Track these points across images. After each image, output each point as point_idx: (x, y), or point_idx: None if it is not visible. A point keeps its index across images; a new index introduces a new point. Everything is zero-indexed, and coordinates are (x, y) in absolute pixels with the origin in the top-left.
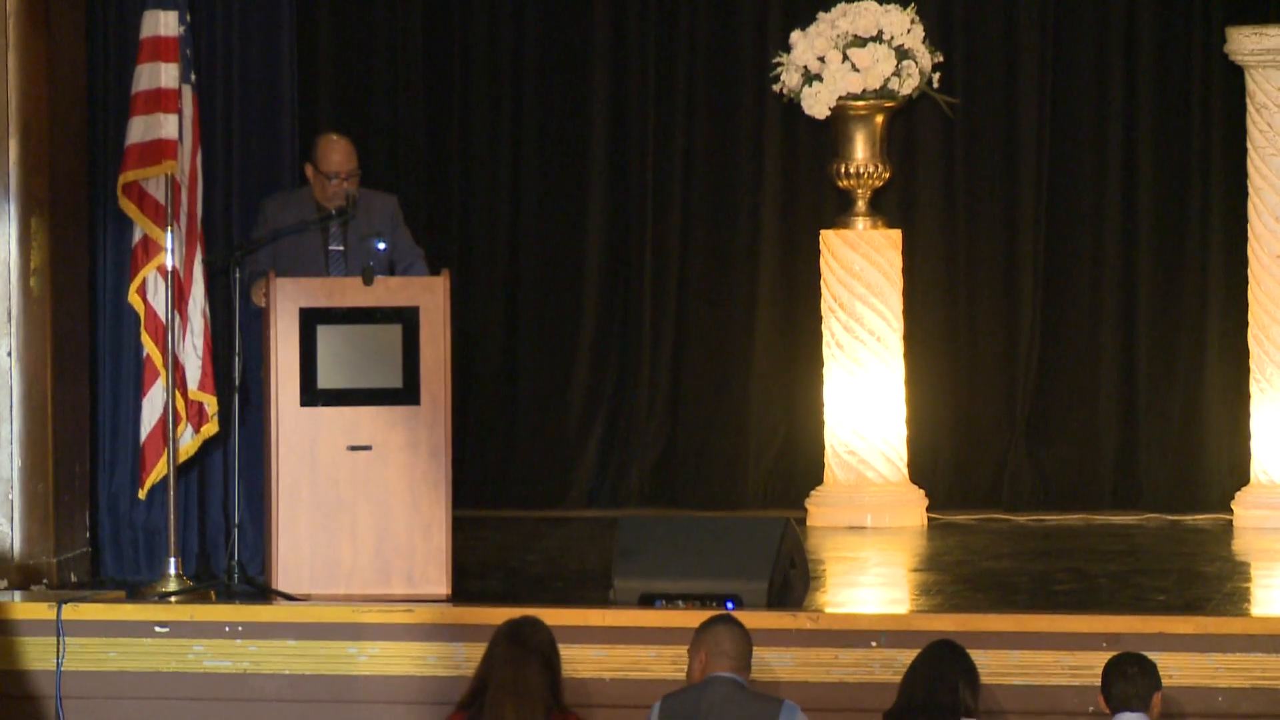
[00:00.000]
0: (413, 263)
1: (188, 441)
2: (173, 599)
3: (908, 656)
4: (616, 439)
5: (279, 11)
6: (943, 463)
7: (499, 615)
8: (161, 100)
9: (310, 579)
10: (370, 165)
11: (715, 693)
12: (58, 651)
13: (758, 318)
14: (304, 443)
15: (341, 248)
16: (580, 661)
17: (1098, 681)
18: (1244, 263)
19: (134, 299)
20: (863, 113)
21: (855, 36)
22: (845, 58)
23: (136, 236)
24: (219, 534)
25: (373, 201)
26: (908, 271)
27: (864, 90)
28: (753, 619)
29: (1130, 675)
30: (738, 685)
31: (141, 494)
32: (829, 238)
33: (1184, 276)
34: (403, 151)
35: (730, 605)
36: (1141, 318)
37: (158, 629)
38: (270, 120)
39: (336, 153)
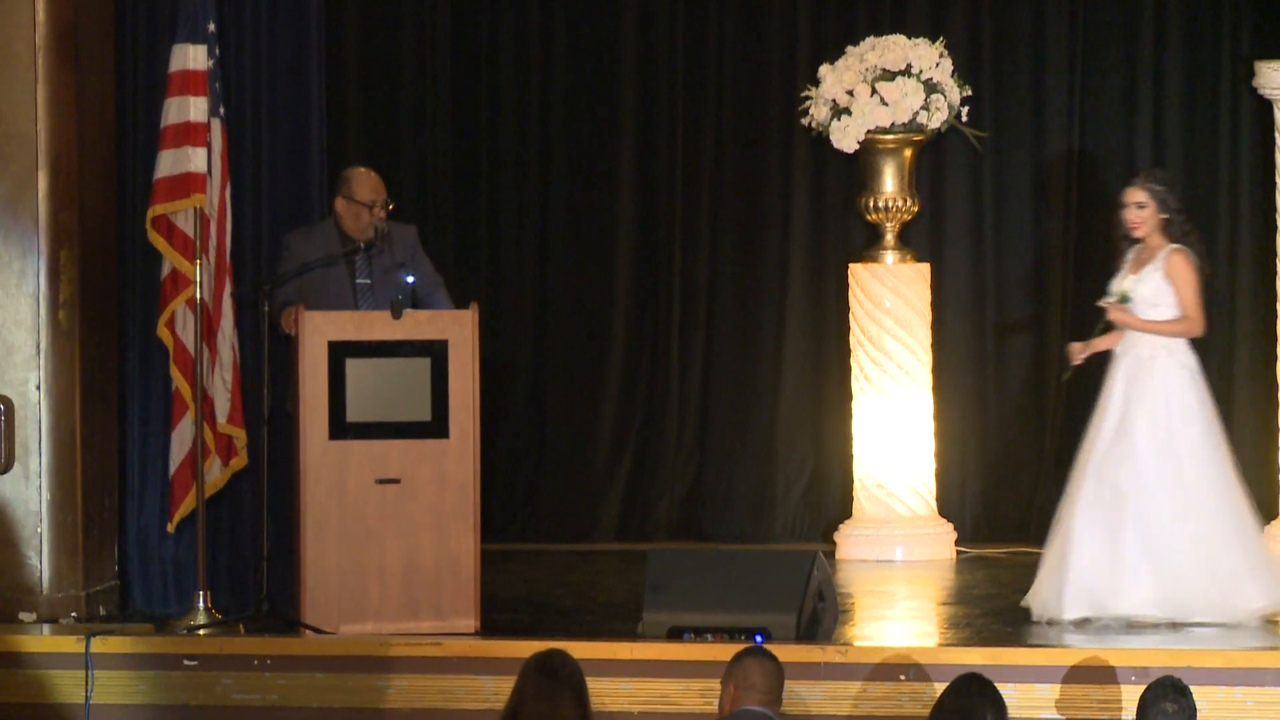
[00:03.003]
0: (433, 291)
1: (216, 474)
2: (201, 632)
3: (936, 690)
4: (645, 472)
5: (307, 45)
6: (971, 496)
7: (527, 649)
8: (190, 134)
9: (338, 612)
10: (399, 199)
11: None
12: (86, 685)
13: (786, 351)
14: (332, 476)
15: (369, 281)
16: (609, 695)
17: (1125, 715)
18: (1273, 296)
19: (163, 332)
20: (891, 146)
21: (884, 70)
22: (874, 91)
23: (165, 270)
24: (248, 567)
25: (394, 232)
26: (936, 305)
27: (892, 124)
28: (781, 652)
29: (1170, 713)
30: (767, 719)
31: (170, 527)
32: (857, 271)
33: (1211, 310)
34: (431, 185)
35: (759, 638)
36: None
37: (186, 662)
38: (299, 153)
39: (370, 181)
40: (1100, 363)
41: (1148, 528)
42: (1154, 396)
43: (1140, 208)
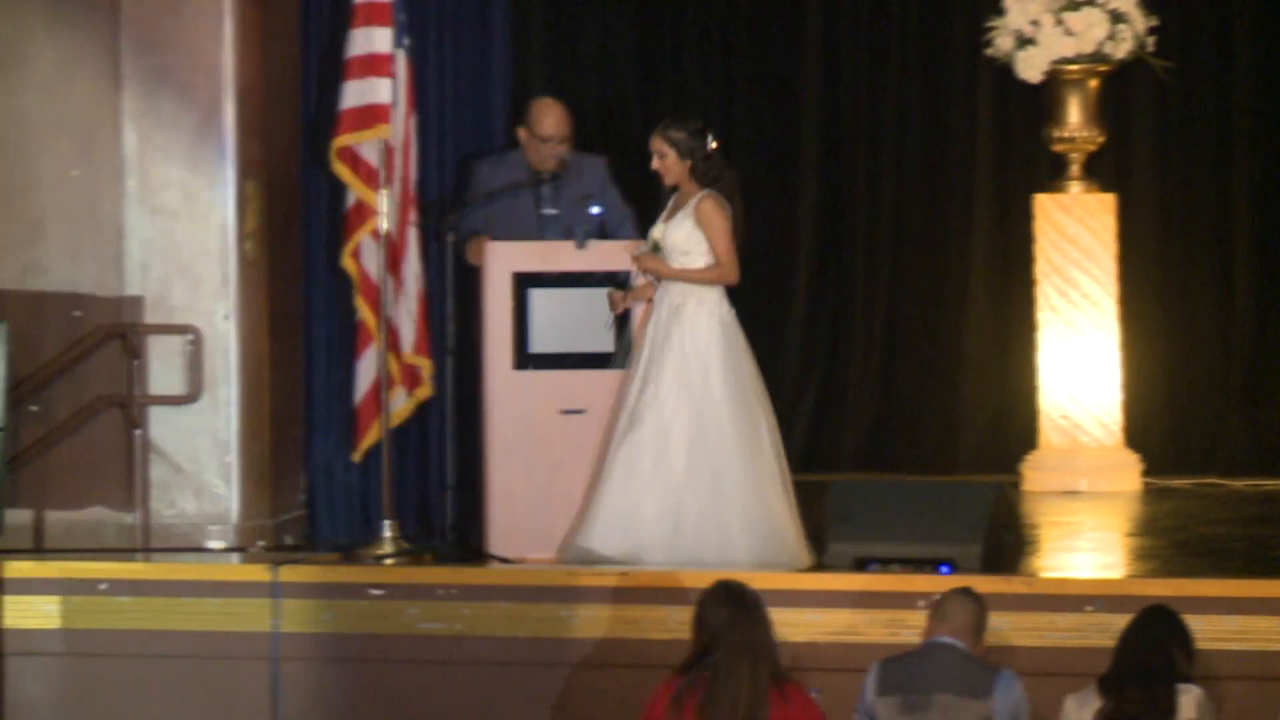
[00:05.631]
0: (622, 223)
1: (401, 404)
2: (388, 561)
3: (1122, 622)
4: (830, 403)
5: None
6: (1158, 427)
7: (713, 579)
8: (375, 65)
9: (524, 542)
10: (582, 130)
11: (933, 658)
12: (274, 613)
13: (971, 282)
14: (517, 407)
15: (555, 211)
16: (794, 625)
17: None
18: None
19: (347, 263)
20: (1076, 77)
21: (1069, 0)
22: (1059, 21)
23: (350, 201)
24: (433, 497)
25: (583, 163)
26: (1122, 235)
27: (1078, 54)
28: (967, 583)
29: None
30: (956, 652)
31: (356, 457)
32: (1043, 202)
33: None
34: (615, 116)
35: (944, 569)
36: None
37: (373, 591)
38: (482, 83)
39: (551, 116)
40: None
41: (664, 475)
42: (679, 345)
43: (661, 157)
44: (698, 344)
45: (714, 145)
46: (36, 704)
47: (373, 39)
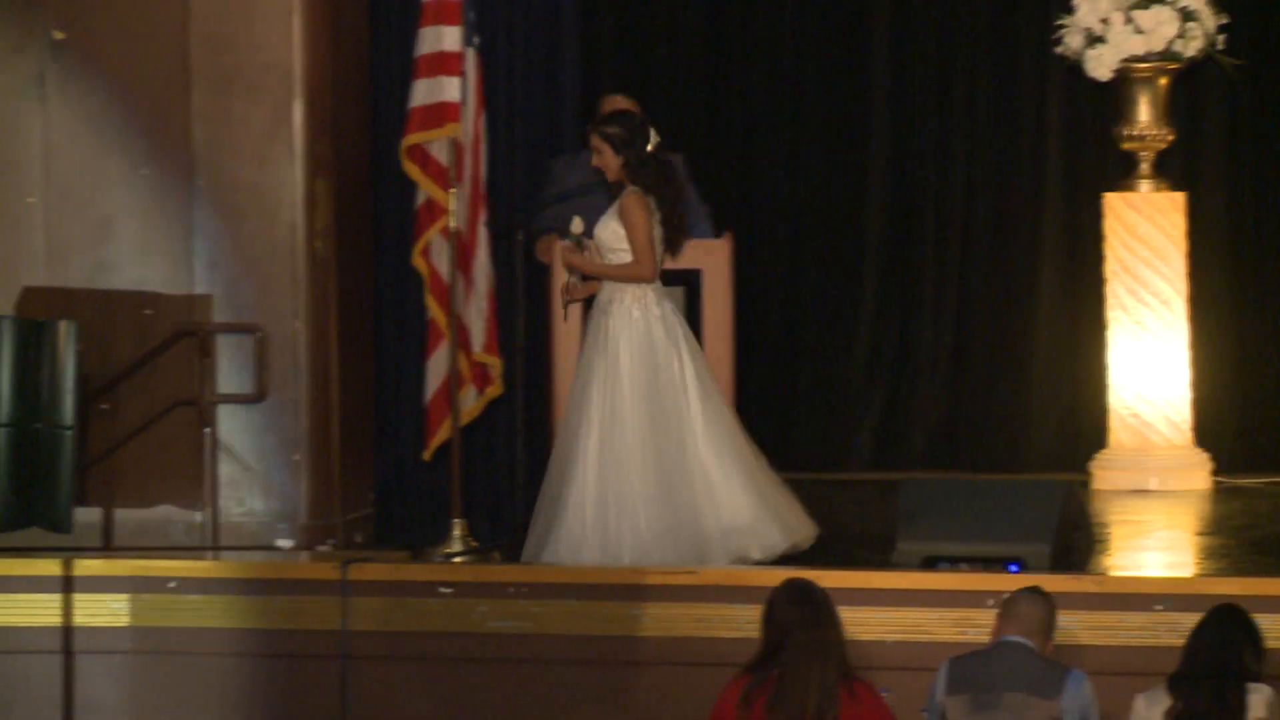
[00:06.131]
0: (696, 222)
1: (472, 403)
2: (457, 560)
3: (1192, 620)
4: (899, 401)
5: None
6: (1228, 426)
7: (782, 577)
8: (444, 63)
9: None
10: (652, 126)
11: (1002, 657)
12: (343, 612)
13: (1040, 280)
14: None
15: None
16: (863, 624)
17: None
18: None
19: (418, 261)
20: (1146, 75)
21: None
22: (1129, 19)
23: (420, 199)
24: (503, 495)
25: None
26: (1192, 234)
27: (1147, 52)
28: (1036, 581)
29: None
30: (1026, 650)
31: (426, 455)
32: (1112, 200)
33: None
34: (684, 111)
35: (1014, 568)
36: None
37: (442, 589)
38: (552, 81)
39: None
40: None
41: (601, 477)
42: (606, 344)
43: (599, 154)
44: (617, 342)
45: (654, 143)
46: (105, 702)
47: (442, 37)
